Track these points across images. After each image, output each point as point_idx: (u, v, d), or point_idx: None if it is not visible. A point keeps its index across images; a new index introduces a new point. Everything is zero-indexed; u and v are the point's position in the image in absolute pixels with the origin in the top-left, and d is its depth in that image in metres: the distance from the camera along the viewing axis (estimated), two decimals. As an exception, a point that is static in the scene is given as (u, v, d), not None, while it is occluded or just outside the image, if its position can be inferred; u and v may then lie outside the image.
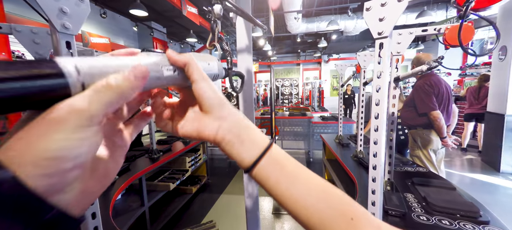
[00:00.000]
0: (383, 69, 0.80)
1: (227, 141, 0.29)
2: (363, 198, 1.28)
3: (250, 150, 0.30)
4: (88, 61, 0.19)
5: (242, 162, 0.30)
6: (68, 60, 0.18)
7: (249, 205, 0.83)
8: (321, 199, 0.28)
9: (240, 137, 0.30)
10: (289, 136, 4.78)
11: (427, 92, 2.01)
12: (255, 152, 0.29)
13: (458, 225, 1.00)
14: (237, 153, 0.30)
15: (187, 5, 5.40)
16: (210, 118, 0.29)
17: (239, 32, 0.62)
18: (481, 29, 6.93)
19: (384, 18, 0.74)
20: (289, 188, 0.29)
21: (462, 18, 0.71)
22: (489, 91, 3.95)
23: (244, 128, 0.30)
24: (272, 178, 0.29)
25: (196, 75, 0.29)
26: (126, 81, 0.21)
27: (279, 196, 0.29)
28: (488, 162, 3.94)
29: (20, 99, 0.15)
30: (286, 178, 0.29)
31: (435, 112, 1.98)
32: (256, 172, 0.29)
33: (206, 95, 0.29)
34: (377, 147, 0.84)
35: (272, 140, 0.32)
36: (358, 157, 1.99)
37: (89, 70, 0.19)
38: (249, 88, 0.68)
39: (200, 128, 0.30)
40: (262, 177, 0.29)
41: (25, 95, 0.16)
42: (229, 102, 0.31)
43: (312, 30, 7.31)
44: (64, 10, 0.64)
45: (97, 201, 0.77)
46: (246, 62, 0.61)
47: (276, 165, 0.30)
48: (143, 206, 1.96)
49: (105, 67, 0.20)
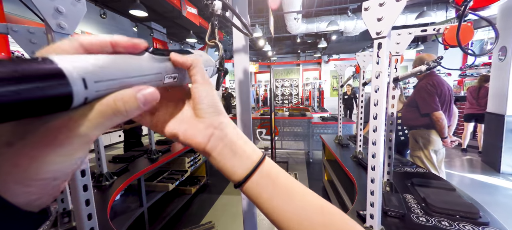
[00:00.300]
0: (381, 70, 0.79)
1: (219, 151, 0.28)
2: (362, 199, 1.27)
3: (242, 163, 0.28)
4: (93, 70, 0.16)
5: (232, 176, 0.28)
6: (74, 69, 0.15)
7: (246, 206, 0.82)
8: (316, 219, 0.26)
9: (232, 148, 0.28)
10: (289, 136, 4.78)
11: (430, 93, 2.01)
12: (247, 165, 0.28)
13: (457, 226, 0.99)
14: (230, 166, 0.28)
15: (187, 6, 5.40)
16: (203, 123, 0.27)
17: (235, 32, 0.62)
18: (481, 29, 6.93)
19: (383, 18, 0.74)
20: (282, 205, 0.27)
21: (460, 17, 0.71)
22: (489, 92, 3.95)
23: (237, 139, 0.29)
24: (265, 194, 0.27)
25: (199, 77, 0.27)
26: (136, 110, 0.19)
27: (271, 213, 0.28)
28: (488, 163, 3.93)
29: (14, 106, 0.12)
30: (279, 195, 0.27)
31: (438, 113, 1.98)
32: (248, 186, 0.28)
33: (205, 100, 0.27)
34: (376, 148, 0.84)
35: (265, 153, 0.30)
36: (357, 157, 1.98)
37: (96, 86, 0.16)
38: (246, 88, 0.67)
39: (190, 132, 0.27)
40: (254, 192, 0.28)
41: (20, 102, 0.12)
42: (225, 112, 0.29)
43: (312, 31, 7.32)
44: (60, 10, 0.64)
45: (93, 202, 0.77)
46: (243, 62, 0.61)
47: (269, 180, 0.28)
48: (141, 207, 1.95)
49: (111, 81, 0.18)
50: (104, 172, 1.64)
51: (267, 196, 0.27)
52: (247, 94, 0.66)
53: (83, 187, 0.77)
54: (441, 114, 1.98)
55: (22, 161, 0.14)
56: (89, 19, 5.31)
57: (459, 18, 0.72)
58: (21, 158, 0.14)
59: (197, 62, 0.27)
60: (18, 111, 0.12)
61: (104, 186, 1.59)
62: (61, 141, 0.15)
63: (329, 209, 0.28)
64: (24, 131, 0.15)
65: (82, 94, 0.15)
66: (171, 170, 2.75)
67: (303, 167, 4.25)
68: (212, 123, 0.27)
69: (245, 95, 0.67)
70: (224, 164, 0.28)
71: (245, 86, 0.66)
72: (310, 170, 4.09)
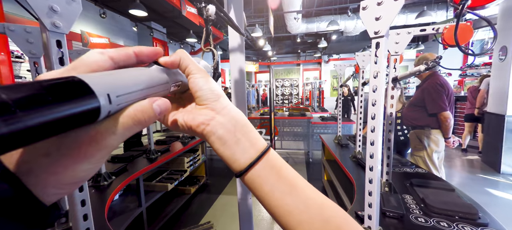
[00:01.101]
0: (379, 69, 0.79)
1: (218, 136, 0.26)
2: (361, 199, 1.27)
3: (245, 151, 0.27)
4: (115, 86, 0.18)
5: (234, 163, 0.27)
6: (100, 86, 0.17)
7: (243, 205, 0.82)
8: (316, 214, 0.26)
9: (235, 135, 0.27)
10: (289, 136, 4.77)
11: (439, 92, 2.01)
12: (251, 154, 0.27)
13: (456, 227, 0.99)
14: (231, 153, 0.27)
15: (187, 5, 5.39)
16: (204, 110, 0.27)
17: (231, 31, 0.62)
18: (481, 29, 6.92)
19: (381, 17, 0.73)
20: (284, 199, 0.26)
21: (458, 17, 0.70)
22: (489, 92, 3.94)
23: (241, 126, 0.28)
24: (266, 186, 0.27)
25: (191, 67, 0.27)
26: (153, 119, 0.22)
27: (271, 206, 0.27)
28: (488, 163, 3.92)
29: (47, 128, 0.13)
30: (282, 187, 0.26)
31: (446, 112, 2.00)
32: (250, 176, 0.27)
33: (201, 88, 0.27)
34: (374, 148, 0.83)
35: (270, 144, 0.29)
36: (356, 157, 1.98)
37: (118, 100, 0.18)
38: (241, 86, 0.67)
39: (190, 117, 0.27)
40: (255, 182, 0.27)
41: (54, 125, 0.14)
42: (226, 97, 0.29)
43: (312, 31, 7.31)
44: (55, 9, 0.63)
45: (89, 203, 0.76)
46: (239, 62, 0.60)
47: (273, 171, 0.27)
48: (140, 207, 1.95)
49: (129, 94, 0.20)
50: (103, 172, 1.64)
51: (268, 188, 0.26)
52: (242, 94, 0.66)
53: (78, 187, 0.77)
54: (449, 114, 2.00)
55: (58, 169, 0.17)
56: (88, 19, 5.31)
57: (457, 17, 0.71)
58: (57, 167, 0.17)
59: (183, 55, 0.28)
60: (56, 127, 0.14)
61: (102, 186, 1.59)
62: (90, 153, 0.18)
63: (330, 206, 0.27)
64: (59, 144, 0.17)
65: (107, 108, 0.17)
66: (170, 169, 2.74)
67: (303, 167, 4.24)
68: (212, 107, 0.27)
69: (241, 95, 0.67)
70: (225, 151, 0.27)
71: (240, 85, 0.65)
72: (309, 170, 4.08)
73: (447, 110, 2.00)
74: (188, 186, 3.00)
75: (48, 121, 0.13)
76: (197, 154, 3.03)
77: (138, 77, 0.22)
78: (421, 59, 2.16)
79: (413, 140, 2.27)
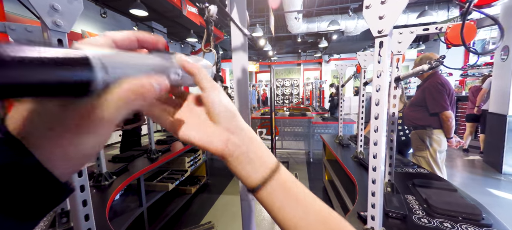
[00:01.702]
0: (383, 69, 0.78)
1: (236, 156, 0.28)
2: (363, 200, 1.26)
3: (256, 170, 0.28)
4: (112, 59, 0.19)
5: (247, 180, 0.28)
6: (97, 55, 0.17)
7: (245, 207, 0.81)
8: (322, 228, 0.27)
9: (248, 155, 0.28)
10: (289, 136, 4.77)
11: (441, 92, 2.00)
12: (263, 173, 0.28)
13: (460, 228, 0.98)
14: (245, 172, 0.28)
15: (187, 5, 5.39)
16: (218, 128, 0.28)
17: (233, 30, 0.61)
18: (482, 29, 6.89)
19: (384, 16, 0.73)
20: (294, 217, 0.27)
21: (464, 15, 0.69)
22: (491, 92, 3.92)
23: (252, 143, 0.29)
24: (277, 203, 0.28)
25: (205, 83, 0.28)
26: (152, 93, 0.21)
27: (282, 223, 0.28)
28: (490, 163, 3.91)
29: (43, 87, 0.14)
30: (291, 205, 0.28)
31: (448, 112, 1.99)
32: (261, 194, 0.28)
33: (218, 106, 0.28)
34: (377, 148, 0.83)
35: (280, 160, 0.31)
36: (358, 157, 1.97)
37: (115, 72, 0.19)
38: (244, 87, 0.66)
39: (206, 137, 0.28)
40: (267, 201, 0.28)
41: (51, 84, 0.14)
42: (239, 115, 0.30)
43: (312, 30, 7.30)
44: (56, 7, 0.62)
45: (90, 203, 0.76)
46: (242, 61, 0.59)
47: (283, 188, 0.28)
48: (141, 207, 1.94)
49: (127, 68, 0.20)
50: (103, 171, 1.63)
51: (279, 204, 0.28)
52: (245, 93, 0.65)
53: (80, 187, 0.76)
54: (451, 113, 1.99)
55: (62, 142, 0.18)
56: (89, 18, 5.31)
57: (463, 15, 0.70)
58: (61, 139, 0.18)
59: (200, 70, 0.28)
60: (54, 89, 0.14)
61: (103, 186, 1.58)
62: (90, 126, 0.18)
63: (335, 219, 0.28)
64: (62, 118, 0.17)
65: (103, 76, 0.17)
66: (171, 169, 2.74)
67: (304, 167, 4.23)
68: (227, 127, 0.28)
69: (244, 95, 0.66)
70: (241, 170, 0.28)
71: (243, 85, 0.65)
72: (310, 170, 4.08)
73: (448, 109, 1.99)
74: (189, 186, 2.99)
75: (41, 76, 0.13)
76: (197, 154, 3.02)
77: (138, 57, 0.22)
78: (423, 58, 2.15)
79: (415, 140, 2.25)
